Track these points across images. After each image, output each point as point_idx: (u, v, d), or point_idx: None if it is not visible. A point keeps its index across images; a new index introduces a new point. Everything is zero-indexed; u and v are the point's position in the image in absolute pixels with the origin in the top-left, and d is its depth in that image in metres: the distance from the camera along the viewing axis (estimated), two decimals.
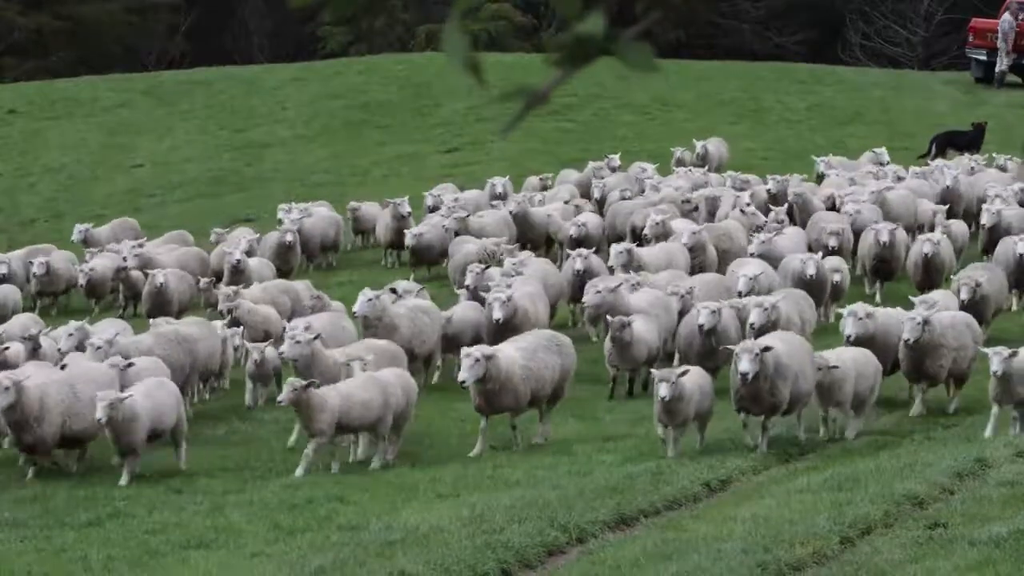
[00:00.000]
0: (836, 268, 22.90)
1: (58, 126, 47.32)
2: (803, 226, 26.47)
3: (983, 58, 46.21)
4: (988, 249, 25.20)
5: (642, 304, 20.25)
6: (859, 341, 17.84)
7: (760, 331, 18.07)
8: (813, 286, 21.75)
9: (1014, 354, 16.44)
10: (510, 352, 16.91)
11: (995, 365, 16.30)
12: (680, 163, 33.81)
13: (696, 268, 23.58)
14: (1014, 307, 23.59)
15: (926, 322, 17.84)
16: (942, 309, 18.99)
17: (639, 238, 25.81)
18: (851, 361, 16.95)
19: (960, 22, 51.76)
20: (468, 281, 22.36)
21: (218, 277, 26.12)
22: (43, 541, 13.84)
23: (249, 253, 26.38)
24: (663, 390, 15.73)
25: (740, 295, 20.74)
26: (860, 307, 18.39)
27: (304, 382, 15.91)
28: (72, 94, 51.38)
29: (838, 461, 15.52)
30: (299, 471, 15.88)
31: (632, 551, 12.34)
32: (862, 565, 11.50)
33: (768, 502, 13.74)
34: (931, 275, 23.16)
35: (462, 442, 17.32)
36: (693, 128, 42.34)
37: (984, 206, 26.33)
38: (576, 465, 15.93)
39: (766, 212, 27.32)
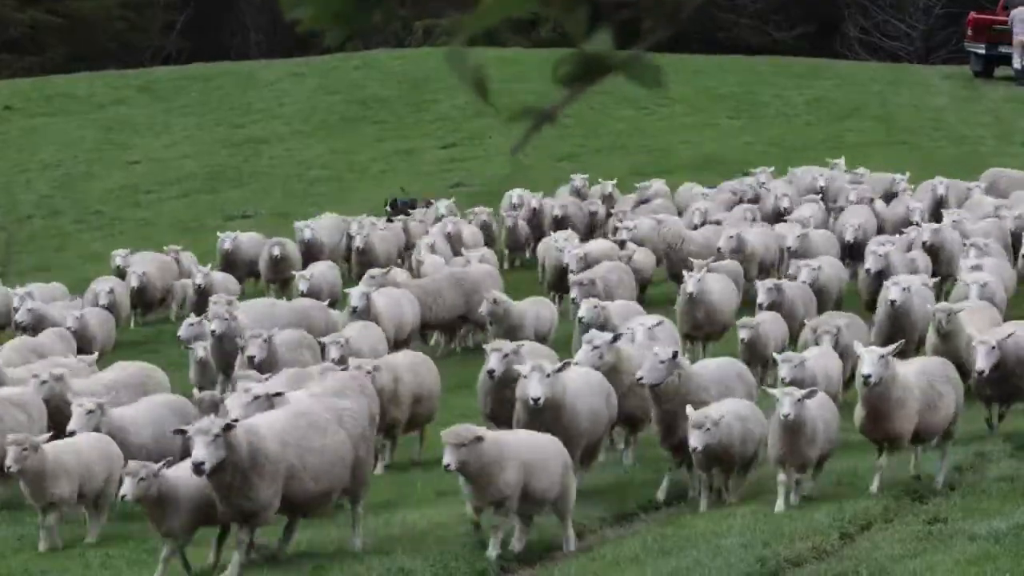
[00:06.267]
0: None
1: (54, 123, 47.24)
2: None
3: (982, 52, 46.03)
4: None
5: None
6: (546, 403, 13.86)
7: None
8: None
9: (811, 393, 13.59)
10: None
11: (786, 407, 13.21)
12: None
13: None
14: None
15: (671, 362, 14.03)
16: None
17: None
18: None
19: (959, 16, 51.59)
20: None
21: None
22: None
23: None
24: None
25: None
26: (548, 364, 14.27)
27: None
28: (68, 90, 51.30)
29: (837, 457, 15.48)
30: None
31: (631, 547, 12.32)
32: (862, 560, 11.47)
33: (767, 497, 13.71)
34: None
35: None
36: (691, 123, 42.32)
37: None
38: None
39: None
